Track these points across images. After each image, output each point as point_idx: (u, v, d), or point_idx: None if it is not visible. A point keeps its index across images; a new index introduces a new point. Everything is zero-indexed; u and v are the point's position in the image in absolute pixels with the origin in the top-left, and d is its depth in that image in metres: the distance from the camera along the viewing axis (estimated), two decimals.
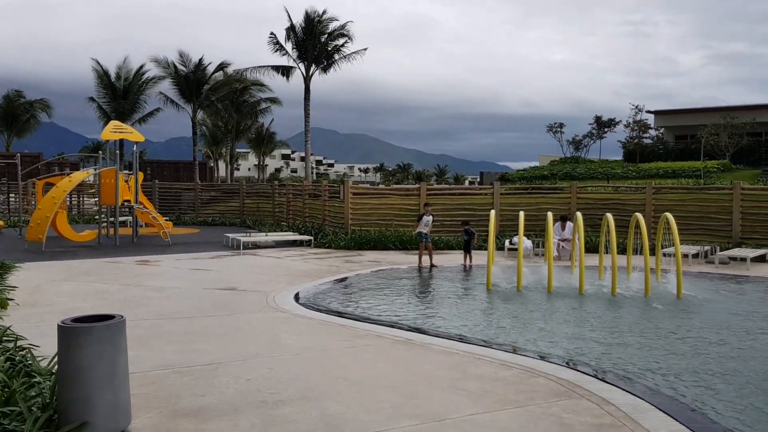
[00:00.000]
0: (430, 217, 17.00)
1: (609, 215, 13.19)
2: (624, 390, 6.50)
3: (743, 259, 16.22)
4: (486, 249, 18.92)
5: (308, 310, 10.75)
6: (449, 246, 20.43)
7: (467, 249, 16.99)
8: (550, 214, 13.88)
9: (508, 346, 8.55)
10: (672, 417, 5.70)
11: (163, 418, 5.56)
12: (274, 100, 52.44)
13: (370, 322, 9.94)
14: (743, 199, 18.76)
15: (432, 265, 16.24)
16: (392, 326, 9.67)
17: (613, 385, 6.71)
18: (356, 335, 8.91)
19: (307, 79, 40.75)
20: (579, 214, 13.48)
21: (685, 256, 16.31)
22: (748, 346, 8.61)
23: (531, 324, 10.08)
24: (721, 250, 17.32)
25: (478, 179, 48.85)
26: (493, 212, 14.30)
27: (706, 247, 17.83)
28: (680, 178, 33.84)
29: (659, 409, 5.90)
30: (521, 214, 13.51)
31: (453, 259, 17.89)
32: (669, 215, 12.94)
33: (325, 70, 41.46)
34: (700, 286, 13.26)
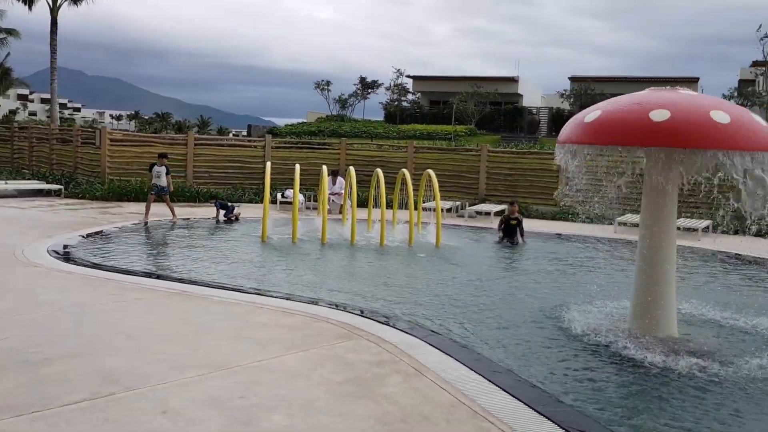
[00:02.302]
0: (163, 168, 15.40)
1: (379, 171, 13.87)
2: (398, 329, 6.99)
3: (488, 213, 18.21)
4: (257, 202, 18.84)
5: (67, 264, 9.82)
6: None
7: (224, 207, 16.26)
8: (324, 168, 14.20)
9: (288, 294, 8.66)
10: (441, 351, 6.27)
11: None
12: (11, 32, 45.81)
13: (139, 276, 9.39)
14: (488, 160, 20.93)
15: (173, 221, 15.23)
16: (164, 279, 9.24)
17: (388, 325, 7.16)
18: (125, 289, 8.35)
19: (54, 10, 36.19)
20: (352, 169, 13.97)
21: (441, 210, 17.80)
22: (496, 285, 9.73)
23: (308, 273, 10.32)
24: (470, 206, 19.21)
25: (246, 132, 48.03)
26: (269, 165, 14.20)
27: (458, 203, 19.64)
28: (435, 140, 36.63)
29: (430, 344, 6.45)
30: (297, 167, 13.62)
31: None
32: (431, 172, 13.99)
33: (75, 1, 37.17)
34: (454, 237, 14.60)
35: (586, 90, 44.76)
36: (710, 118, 6.04)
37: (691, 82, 46.04)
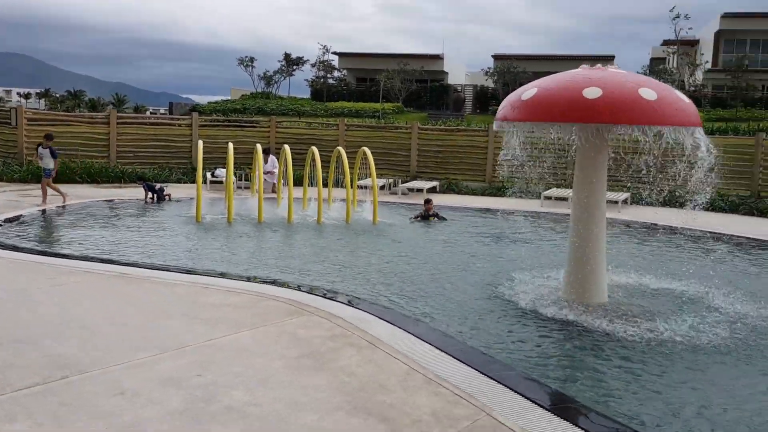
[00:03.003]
0: (47, 150, 14.29)
1: (314, 149, 13.87)
2: (348, 305, 7.13)
3: (420, 190, 18.52)
4: (186, 182, 18.46)
5: None
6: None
7: (151, 190, 15.79)
8: (259, 146, 14.06)
9: (231, 273, 8.63)
10: (392, 324, 6.45)
11: None
12: None
13: (74, 259, 9.11)
14: (419, 138, 21.23)
15: (43, 204, 14.10)
16: (102, 262, 9.01)
17: (337, 301, 7.29)
18: (61, 273, 8.11)
19: None
20: (287, 147, 13.89)
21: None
22: (436, 260, 9.99)
23: (249, 252, 10.29)
24: (402, 183, 19.47)
25: (168, 110, 46.52)
26: (200, 143, 13.93)
27: (390, 180, 19.86)
28: (363, 118, 36.66)
29: (380, 318, 6.62)
30: (230, 145, 13.44)
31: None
32: (367, 150, 14.10)
33: None
34: (389, 214, 14.81)
35: (509, 68, 45.71)
36: (639, 95, 6.40)
37: (607, 59, 47.76)
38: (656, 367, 5.75)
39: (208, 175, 18.94)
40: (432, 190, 19.10)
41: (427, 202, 14.22)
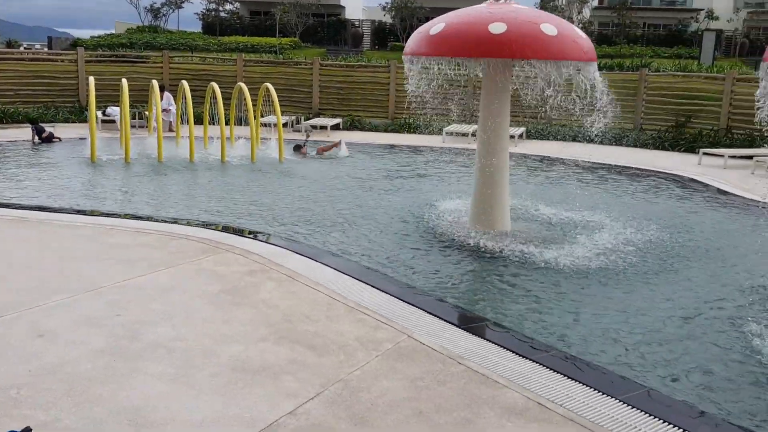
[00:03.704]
0: None
1: (215, 85, 13.44)
2: (263, 242, 7.18)
3: (324, 127, 18.44)
4: (74, 122, 17.45)
5: None
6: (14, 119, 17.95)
7: (39, 132, 14.80)
8: (155, 83, 13.47)
9: (138, 213, 8.41)
10: (309, 257, 6.59)
11: None
12: None
13: None
14: (321, 74, 20.95)
15: None
16: None
17: (251, 238, 7.32)
18: None
19: None
20: (185, 83, 13.38)
21: (276, 125, 17.70)
22: (346, 196, 10.11)
23: (151, 192, 10.01)
24: (305, 120, 19.27)
25: (45, 45, 43.09)
26: (92, 80, 13.15)
27: (293, 117, 19.60)
28: (259, 53, 35.54)
29: (297, 252, 6.73)
30: (124, 82, 12.80)
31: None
32: (269, 86, 13.83)
33: None
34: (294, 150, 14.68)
35: (407, 3, 45.44)
36: (541, 30, 6.67)
37: None
38: (554, 287, 6.23)
39: (99, 114, 17.94)
40: (336, 127, 19.04)
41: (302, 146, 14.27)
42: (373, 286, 5.78)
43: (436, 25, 7.08)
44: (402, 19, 45.29)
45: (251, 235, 7.46)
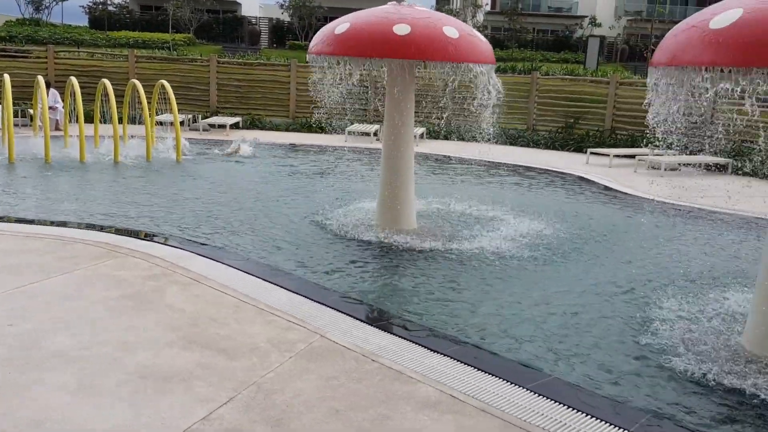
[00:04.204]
0: None
1: (106, 81, 12.83)
2: (164, 244, 6.93)
3: (222, 126, 18.02)
4: None
5: None
6: None
7: None
8: (40, 79, 12.68)
9: (25, 217, 7.91)
10: (214, 260, 6.43)
11: None
12: None
13: None
14: (218, 71, 20.45)
15: None
16: None
17: (152, 241, 7.05)
18: None
19: None
20: (74, 79, 12.68)
21: (172, 123, 17.12)
22: (250, 196, 9.92)
23: (40, 195, 9.43)
24: (202, 118, 18.75)
25: None
26: None
27: (189, 116, 19.02)
28: (152, 49, 34.23)
29: (201, 255, 6.55)
30: (6, 77, 11.97)
31: None
32: (165, 83, 13.36)
33: None
34: (193, 150, 14.28)
35: (304, 2, 45.17)
36: (443, 33, 6.84)
37: None
38: (459, 281, 6.41)
39: None
40: (235, 126, 18.66)
41: None
42: (283, 287, 5.72)
43: (341, 25, 7.10)
44: (300, 18, 45.01)
45: (152, 238, 7.19)
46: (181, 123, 18.18)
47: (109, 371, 4.07)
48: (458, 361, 4.46)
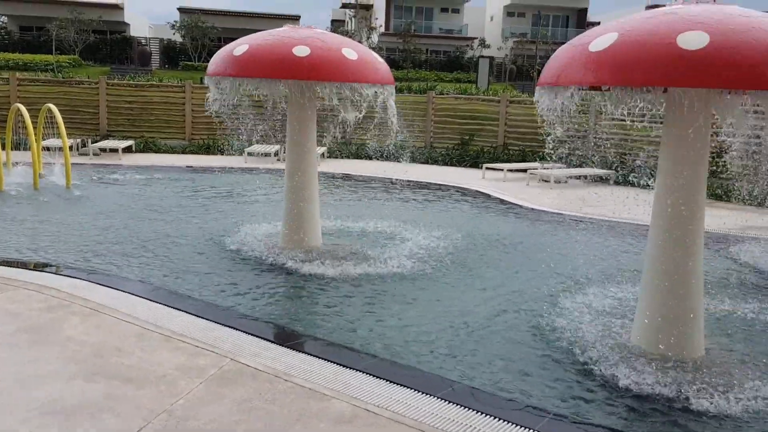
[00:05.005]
0: None
1: None
2: (59, 275, 6.62)
3: (114, 150, 17.37)
4: None
5: None
6: None
7: None
8: None
9: None
10: (114, 288, 6.22)
11: None
12: None
13: None
14: (108, 94, 19.73)
15: None
16: None
17: (45, 272, 6.72)
18: None
19: None
20: None
21: (60, 148, 16.33)
22: (149, 223, 9.62)
23: None
24: (92, 143, 17.99)
25: None
26: None
27: (78, 140, 18.20)
28: (34, 71, 32.49)
29: (99, 284, 6.32)
30: None
31: None
32: (53, 107, 12.76)
33: None
34: (84, 176, 13.68)
35: (197, 22, 44.35)
36: (342, 54, 6.98)
37: (294, 19, 49.25)
38: (367, 296, 6.52)
39: None
40: (128, 149, 18.03)
41: None
42: (189, 312, 5.62)
43: (239, 47, 7.09)
44: (193, 39, 44.10)
45: (43, 269, 6.85)
46: (70, 147, 17.39)
47: (10, 408, 3.87)
48: (371, 375, 4.55)
